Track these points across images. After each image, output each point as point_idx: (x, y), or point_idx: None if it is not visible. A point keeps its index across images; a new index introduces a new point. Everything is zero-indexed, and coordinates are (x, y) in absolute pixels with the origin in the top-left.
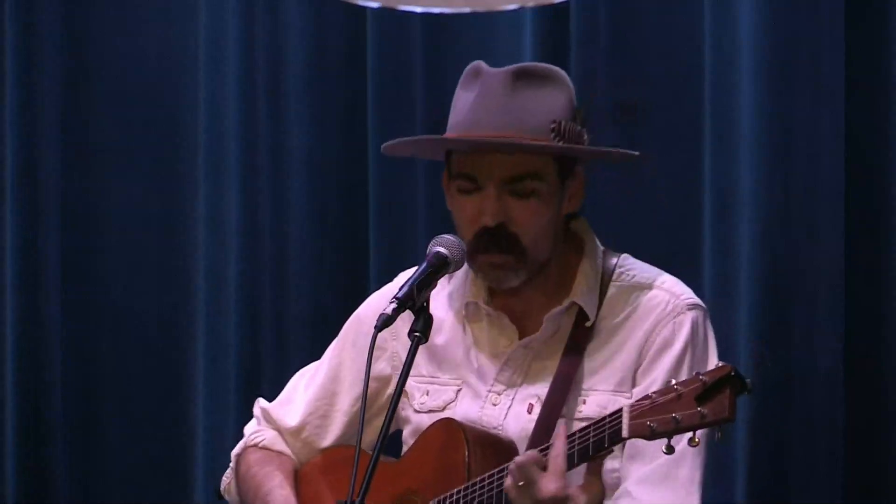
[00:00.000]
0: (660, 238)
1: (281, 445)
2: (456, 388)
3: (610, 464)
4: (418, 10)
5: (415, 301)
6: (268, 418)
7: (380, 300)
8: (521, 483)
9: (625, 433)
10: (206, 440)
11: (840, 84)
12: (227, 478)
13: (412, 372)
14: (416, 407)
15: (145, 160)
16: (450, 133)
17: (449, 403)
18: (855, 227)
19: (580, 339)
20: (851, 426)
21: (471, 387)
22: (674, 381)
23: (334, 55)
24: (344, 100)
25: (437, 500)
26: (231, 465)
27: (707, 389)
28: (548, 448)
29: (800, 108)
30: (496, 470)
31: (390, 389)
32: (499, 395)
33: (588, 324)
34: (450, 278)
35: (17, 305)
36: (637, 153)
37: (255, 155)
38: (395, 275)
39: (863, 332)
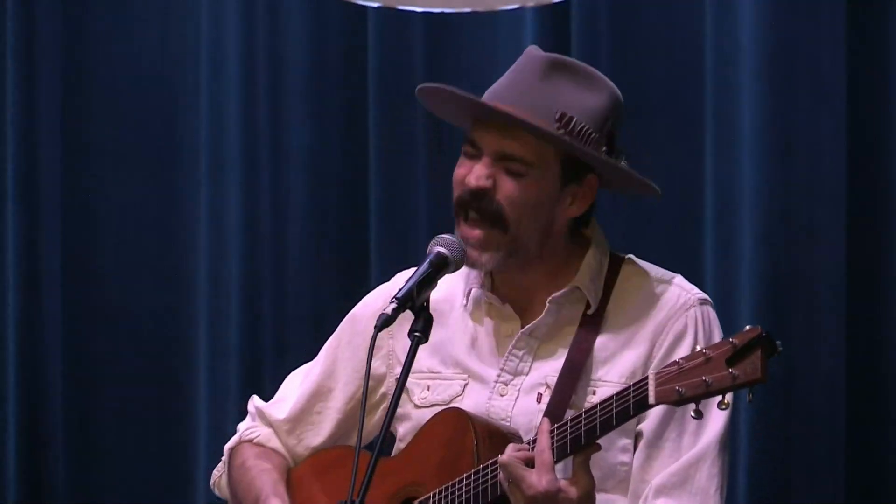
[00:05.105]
0: (660, 237)
1: (275, 443)
2: (462, 381)
3: (620, 457)
4: (418, 9)
5: (415, 301)
6: (262, 416)
7: (376, 300)
8: (509, 481)
9: (651, 400)
10: (207, 440)
11: (840, 84)
12: (219, 471)
13: (410, 368)
14: (417, 402)
15: (146, 161)
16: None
17: (455, 397)
18: (855, 227)
19: (589, 328)
20: (851, 426)
21: (477, 379)
22: (700, 347)
23: (335, 55)
24: (344, 100)
25: (443, 487)
26: (224, 458)
27: (738, 352)
28: (532, 444)
29: (800, 108)
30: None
31: (384, 388)
32: (506, 385)
33: (590, 311)
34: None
35: (18, 306)
36: (653, 187)
37: (255, 155)
38: (396, 275)
39: (863, 332)
